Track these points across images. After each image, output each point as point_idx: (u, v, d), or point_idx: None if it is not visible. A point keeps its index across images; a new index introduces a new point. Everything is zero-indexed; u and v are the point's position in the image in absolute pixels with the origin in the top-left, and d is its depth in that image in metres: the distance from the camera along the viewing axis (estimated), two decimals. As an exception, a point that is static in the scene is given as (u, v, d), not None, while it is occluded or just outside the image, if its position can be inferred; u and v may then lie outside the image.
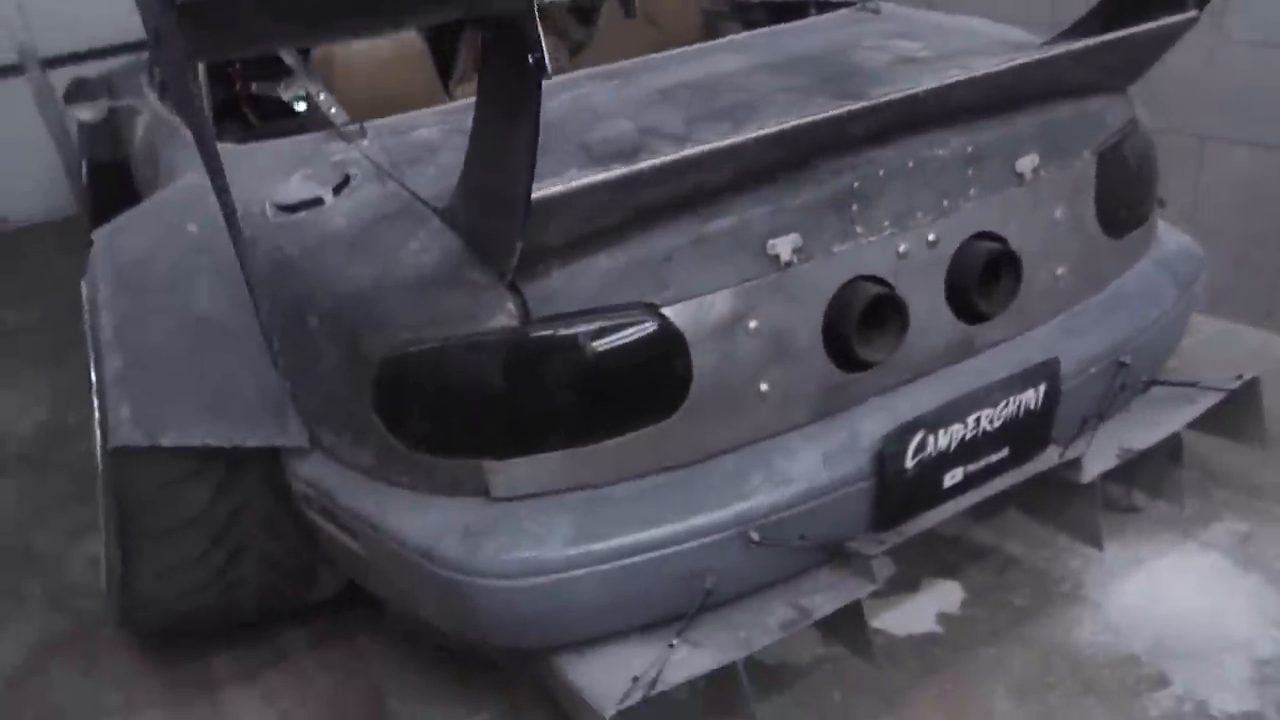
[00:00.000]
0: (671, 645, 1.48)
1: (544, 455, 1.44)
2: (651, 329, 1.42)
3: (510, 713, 1.85)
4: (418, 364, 1.42)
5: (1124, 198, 1.83)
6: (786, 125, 1.35)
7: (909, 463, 1.55)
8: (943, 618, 1.96)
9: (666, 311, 1.42)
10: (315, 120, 2.02)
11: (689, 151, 1.31)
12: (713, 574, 1.50)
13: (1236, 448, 2.20)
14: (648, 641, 1.53)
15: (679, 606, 1.51)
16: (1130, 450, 1.80)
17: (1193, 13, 1.70)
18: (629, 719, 1.40)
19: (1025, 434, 1.68)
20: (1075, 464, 1.74)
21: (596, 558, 1.43)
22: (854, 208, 1.51)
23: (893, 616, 1.96)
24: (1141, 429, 1.85)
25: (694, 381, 1.45)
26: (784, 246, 1.46)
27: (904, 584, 2.04)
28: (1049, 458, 1.73)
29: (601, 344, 1.41)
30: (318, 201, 1.66)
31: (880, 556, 1.57)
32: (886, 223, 1.54)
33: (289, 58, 2.18)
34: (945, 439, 1.57)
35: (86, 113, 2.92)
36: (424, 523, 1.48)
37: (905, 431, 1.53)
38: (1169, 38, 1.73)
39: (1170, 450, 1.88)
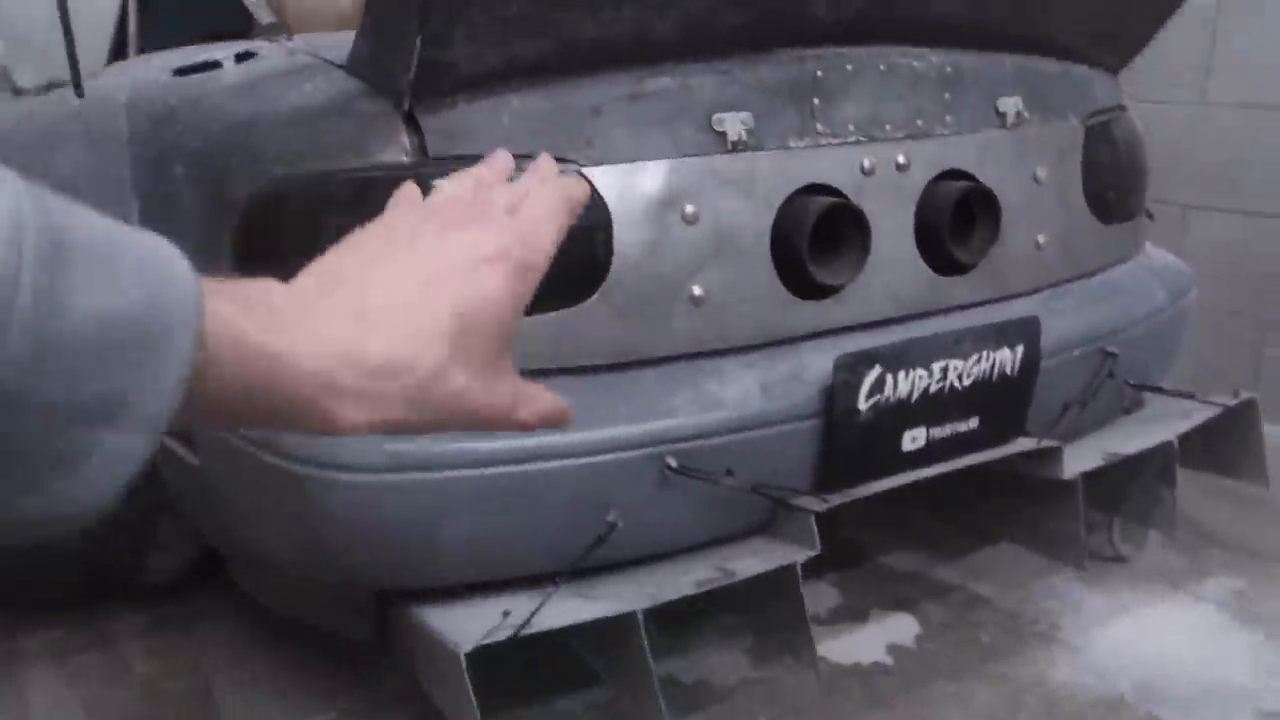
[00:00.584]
0: (555, 583, 1.18)
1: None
2: (569, 189, 1.21)
3: (362, 712, 1.50)
4: (289, 201, 1.19)
5: (1113, 180, 1.67)
6: (742, -29, 1.19)
7: (863, 403, 1.31)
8: (895, 649, 1.65)
9: (588, 171, 1.21)
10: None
11: (628, -31, 1.14)
12: (619, 508, 1.22)
13: (1232, 509, 1.98)
14: (532, 597, 1.23)
15: (575, 552, 1.22)
16: (1117, 454, 1.56)
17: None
18: (490, 667, 1.08)
19: (998, 405, 1.44)
20: (1055, 455, 1.49)
21: (478, 458, 1.15)
22: (815, 101, 1.33)
23: (836, 644, 1.65)
24: (1131, 438, 1.62)
25: (614, 261, 1.22)
26: (732, 123, 1.26)
27: (850, 614, 1.74)
28: (1025, 444, 1.49)
29: (507, 198, 1.19)
30: (215, 65, 1.46)
31: (821, 516, 1.29)
32: (851, 127, 1.36)
33: None
34: (906, 384, 1.33)
35: None
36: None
37: (859, 362, 1.29)
38: (1165, 3, 1.61)
39: (1162, 465, 1.64)
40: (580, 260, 1.22)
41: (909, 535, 1.97)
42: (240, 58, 1.48)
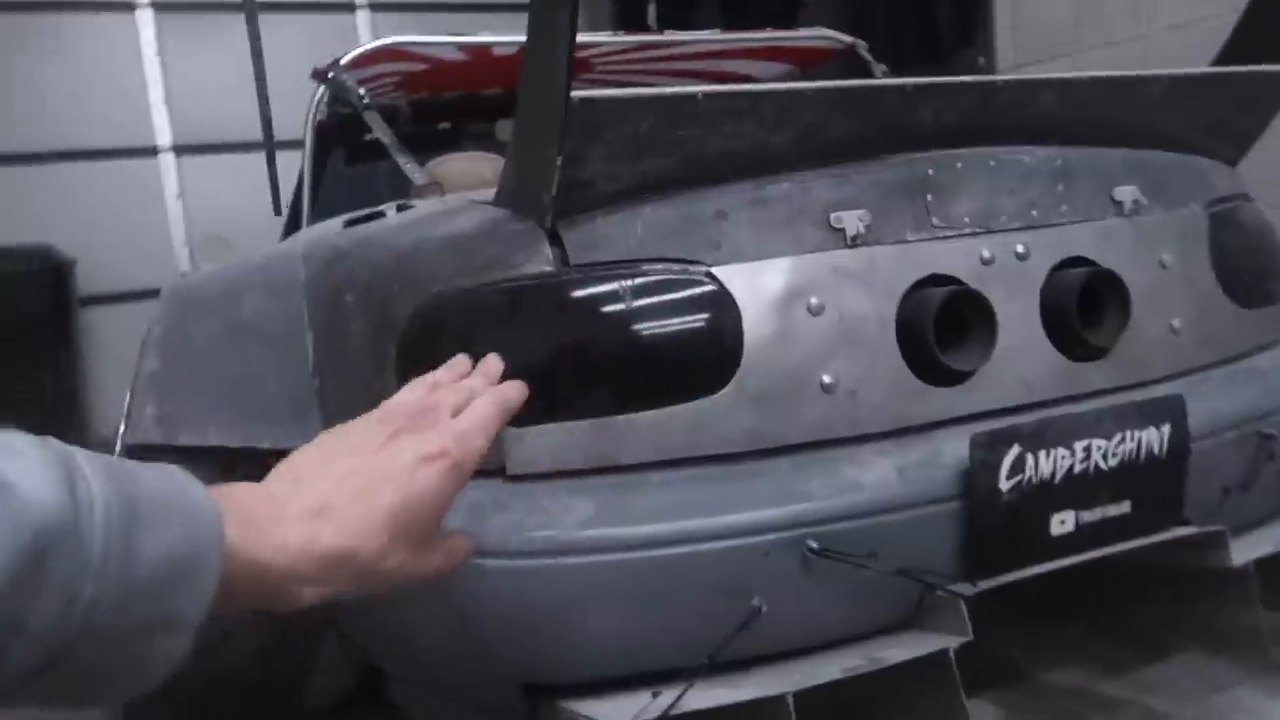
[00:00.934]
0: (706, 662, 1.19)
1: (572, 424, 1.26)
2: (701, 287, 1.29)
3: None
4: (445, 311, 1.31)
5: (1246, 264, 1.65)
6: (848, 82, 1.29)
7: (1004, 484, 1.30)
8: (1066, 765, 1.55)
9: (717, 271, 1.30)
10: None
11: (740, 88, 1.25)
12: (762, 592, 1.23)
13: None
14: (678, 687, 1.23)
15: (719, 639, 1.23)
16: (1293, 541, 1.48)
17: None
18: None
19: (1150, 488, 1.40)
20: (1220, 540, 1.42)
21: (621, 543, 1.20)
22: (929, 197, 1.39)
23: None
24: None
25: (745, 354, 1.29)
26: (850, 220, 1.34)
27: (1013, 731, 1.64)
28: (1184, 530, 1.43)
29: (645, 298, 1.28)
30: (380, 214, 1.65)
31: (971, 602, 1.26)
32: (967, 219, 1.41)
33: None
34: (1048, 464, 1.32)
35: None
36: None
37: (997, 440, 1.29)
38: (1270, 96, 1.64)
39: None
40: (714, 353, 1.29)
41: (1068, 650, 1.86)
42: (401, 208, 1.67)
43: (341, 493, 0.61)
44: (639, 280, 1.29)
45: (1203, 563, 1.46)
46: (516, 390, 0.73)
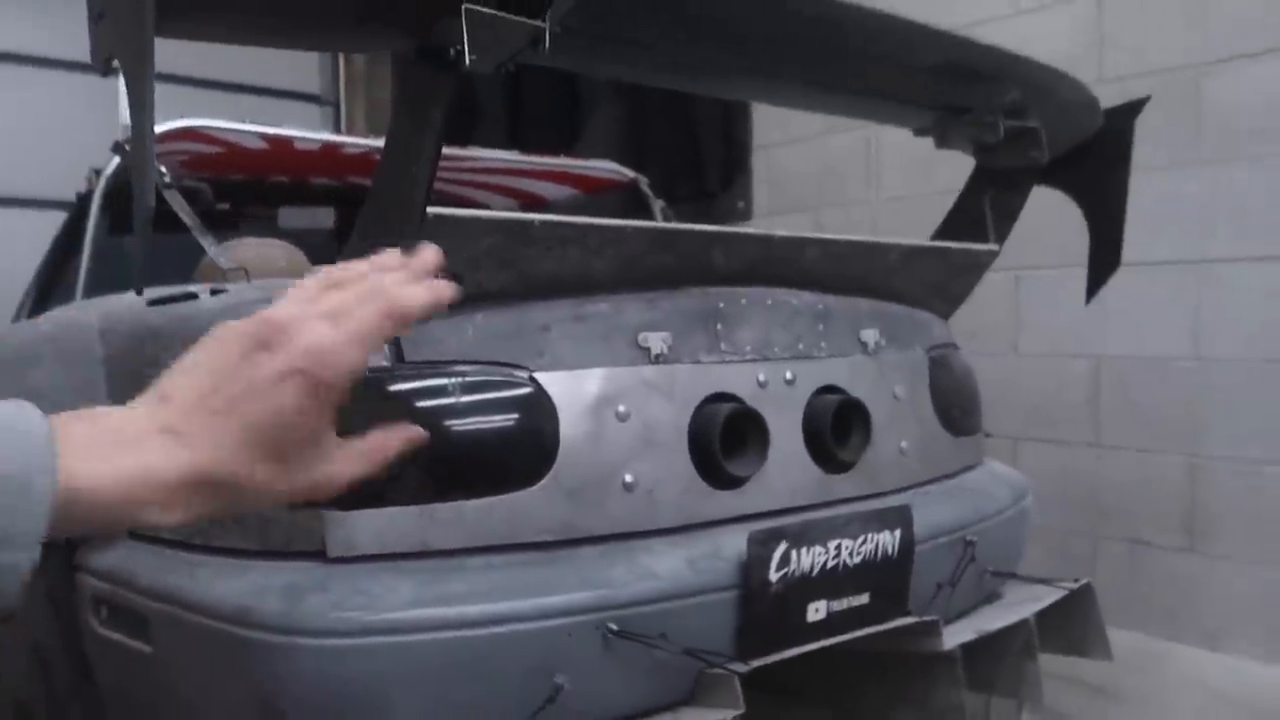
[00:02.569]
0: (512, 736, 1.28)
1: (394, 510, 1.34)
2: (524, 390, 1.43)
3: None
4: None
5: (955, 400, 2.02)
6: (662, 225, 1.51)
7: (773, 575, 1.51)
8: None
9: (540, 376, 1.44)
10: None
11: (573, 219, 1.44)
12: (565, 671, 1.34)
13: (1085, 698, 2.23)
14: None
15: (523, 716, 1.33)
16: (986, 629, 1.79)
17: (993, 246, 2.04)
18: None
19: (884, 582, 1.67)
20: (934, 628, 1.70)
21: (437, 623, 1.28)
22: (719, 326, 1.63)
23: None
24: (996, 618, 1.86)
25: (560, 453, 1.43)
26: (655, 340, 1.54)
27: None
28: (908, 619, 1.70)
29: (472, 396, 1.40)
30: (192, 296, 1.66)
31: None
32: (748, 348, 1.65)
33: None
34: (808, 559, 1.55)
35: None
36: (242, 584, 1.31)
37: (770, 537, 1.51)
38: (974, 267, 2.05)
39: (1024, 643, 1.87)
40: (533, 450, 1.42)
41: (814, 731, 2.10)
42: (215, 292, 1.69)
43: (196, 414, 0.59)
44: (467, 379, 1.41)
45: (920, 648, 1.73)
46: (424, 291, 0.64)
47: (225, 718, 1.35)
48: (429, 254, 0.67)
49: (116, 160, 2.46)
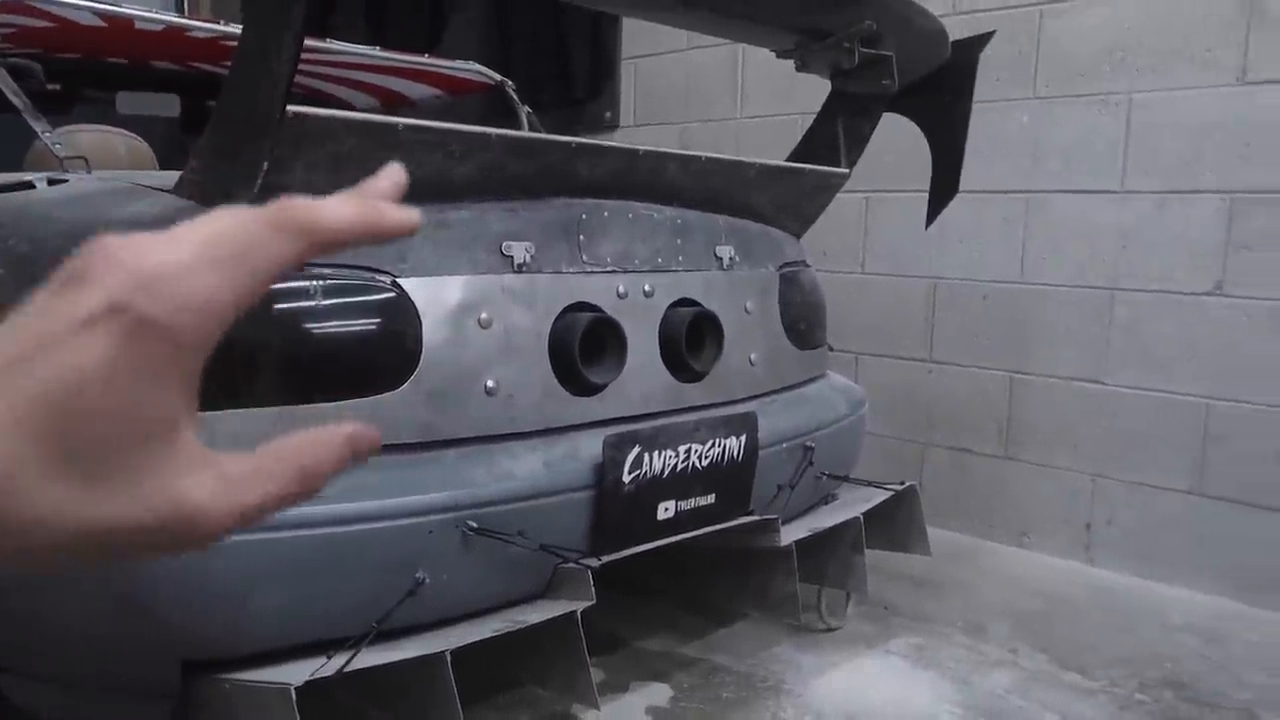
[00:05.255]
0: (375, 627, 1.33)
1: (258, 410, 1.35)
2: (386, 295, 1.44)
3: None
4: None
5: (802, 315, 2.14)
6: (527, 135, 1.52)
7: (626, 476, 1.60)
8: (653, 710, 1.89)
9: (403, 282, 1.46)
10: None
11: (438, 124, 1.44)
12: (425, 566, 1.40)
13: (908, 589, 2.46)
14: (345, 655, 1.36)
15: (385, 609, 1.38)
16: (820, 528, 1.95)
17: (844, 169, 2.14)
18: (321, 699, 1.21)
19: (729, 484, 1.78)
20: (773, 526, 1.84)
21: (300, 521, 1.30)
22: (580, 238, 1.67)
23: (605, 711, 1.86)
24: (829, 517, 2.02)
25: (423, 358, 1.46)
26: (518, 249, 1.57)
27: (614, 688, 1.97)
28: (750, 518, 1.83)
29: (334, 299, 1.40)
30: (28, 185, 1.58)
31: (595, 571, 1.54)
32: (609, 260, 1.71)
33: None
34: (659, 462, 1.64)
35: None
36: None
37: (624, 441, 1.59)
38: (827, 189, 2.15)
39: (853, 539, 2.04)
40: (396, 354, 1.44)
41: (660, 623, 2.24)
42: (53, 182, 1.60)
43: None
44: (329, 282, 1.41)
45: (760, 544, 1.88)
46: (354, 209, 0.35)
47: (87, 615, 1.34)
48: (395, 170, 0.38)
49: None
